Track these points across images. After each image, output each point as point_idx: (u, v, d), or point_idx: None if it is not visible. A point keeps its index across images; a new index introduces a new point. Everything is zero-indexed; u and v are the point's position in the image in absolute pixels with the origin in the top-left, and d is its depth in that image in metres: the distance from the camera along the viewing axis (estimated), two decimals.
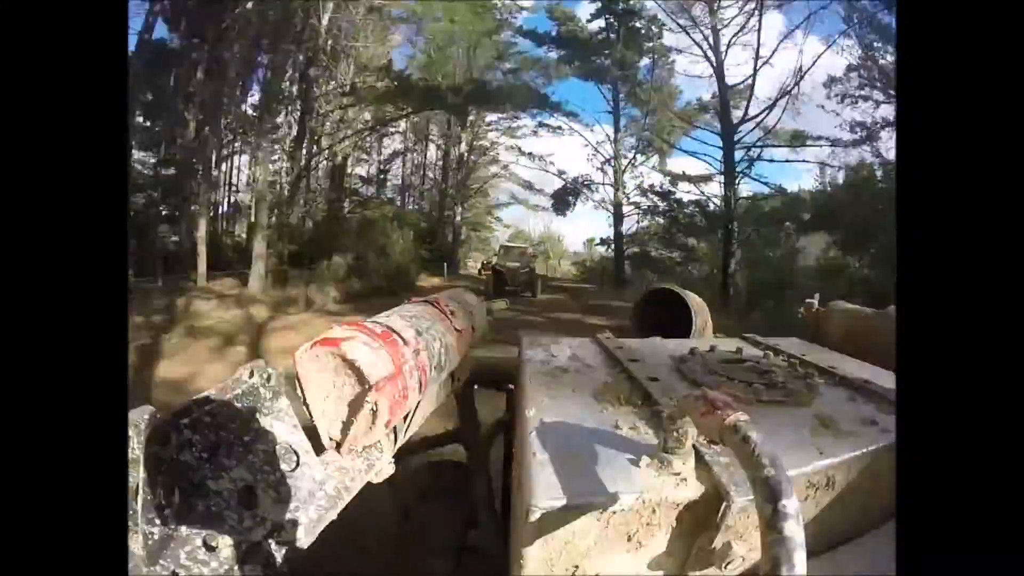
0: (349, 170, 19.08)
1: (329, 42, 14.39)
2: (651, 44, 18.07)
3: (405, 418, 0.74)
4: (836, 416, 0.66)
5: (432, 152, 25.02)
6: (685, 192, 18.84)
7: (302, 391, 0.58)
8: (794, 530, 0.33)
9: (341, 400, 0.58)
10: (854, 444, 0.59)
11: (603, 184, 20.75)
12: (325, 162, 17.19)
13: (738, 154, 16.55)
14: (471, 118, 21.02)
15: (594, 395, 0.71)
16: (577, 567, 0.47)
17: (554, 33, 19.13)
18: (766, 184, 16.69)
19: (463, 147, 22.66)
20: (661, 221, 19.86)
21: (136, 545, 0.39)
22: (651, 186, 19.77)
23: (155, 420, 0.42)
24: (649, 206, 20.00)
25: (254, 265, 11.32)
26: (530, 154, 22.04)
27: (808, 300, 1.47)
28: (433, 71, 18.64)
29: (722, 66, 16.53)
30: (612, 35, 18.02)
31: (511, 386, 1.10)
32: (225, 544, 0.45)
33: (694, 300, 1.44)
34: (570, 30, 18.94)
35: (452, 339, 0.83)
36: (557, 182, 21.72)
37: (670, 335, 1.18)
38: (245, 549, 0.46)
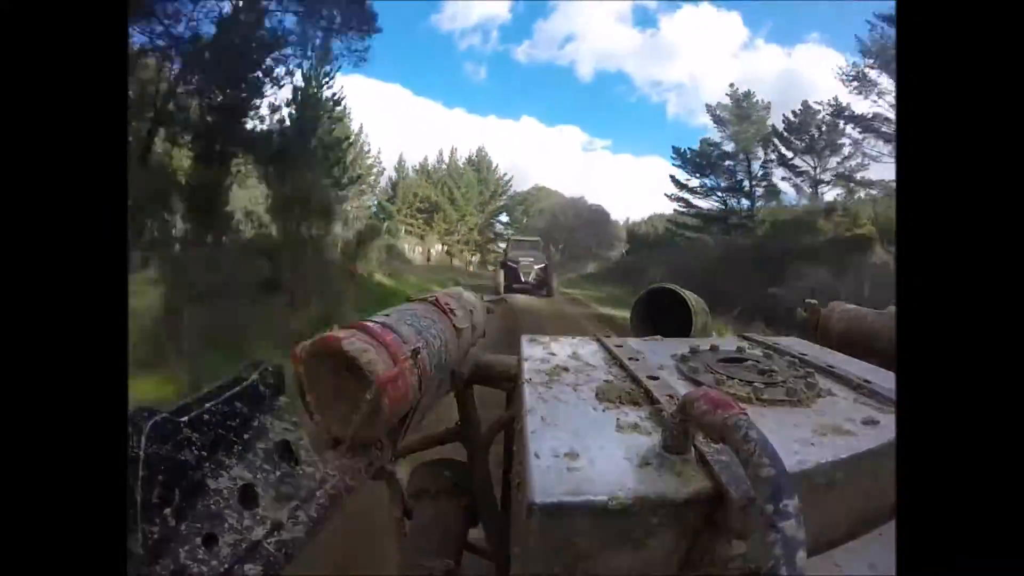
0: None
1: None
2: None
3: (405, 417, 0.74)
4: (836, 416, 0.66)
5: None
6: None
7: (302, 389, 0.58)
8: (795, 530, 0.33)
9: (341, 398, 0.58)
10: (854, 444, 0.59)
11: None
12: None
13: None
14: None
15: (595, 393, 0.71)
16: (577, 567, 0.47)
17: None
18: None
19: None
20: None
21: (135, 544, 0.39)
22: None
23: (154, 418, 0.42)
24: None
25: None
26: None
27: (808, 300, 1.47)
28: None
29: None
30: None
31: (511, 385, 1.09)
32: (224, 543, 0.45)
33: (694, 299, 1.44)
34: None
35: (453, 337, 0.83)
36: None
37: (670, 334, 1.17)
38: (244, 548, 0.46)
